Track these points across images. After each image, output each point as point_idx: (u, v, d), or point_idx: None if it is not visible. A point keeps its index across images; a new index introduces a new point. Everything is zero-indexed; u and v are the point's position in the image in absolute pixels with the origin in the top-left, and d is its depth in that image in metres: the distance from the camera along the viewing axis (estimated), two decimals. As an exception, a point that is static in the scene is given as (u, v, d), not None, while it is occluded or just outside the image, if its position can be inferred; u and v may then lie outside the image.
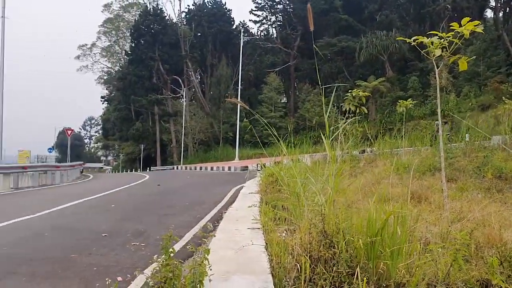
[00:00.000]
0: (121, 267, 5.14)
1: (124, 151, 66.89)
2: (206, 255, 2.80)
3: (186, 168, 40.33)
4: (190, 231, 7.23)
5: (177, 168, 45.01)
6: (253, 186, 10.59)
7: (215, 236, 3.16)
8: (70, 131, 36.58)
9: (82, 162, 34.87)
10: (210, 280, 2.71)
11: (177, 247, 6.16)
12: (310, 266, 3.10)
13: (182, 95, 58.78)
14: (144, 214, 9.36)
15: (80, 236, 6.98)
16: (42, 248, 6.06)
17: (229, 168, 28.52)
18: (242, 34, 46.25)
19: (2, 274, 4.78)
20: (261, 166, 19.04)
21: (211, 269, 2.79)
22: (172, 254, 2.84)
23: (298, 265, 3.14)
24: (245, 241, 4.13)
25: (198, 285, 2.56)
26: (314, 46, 35.59)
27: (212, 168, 31.72)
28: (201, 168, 34.90)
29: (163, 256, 2.83)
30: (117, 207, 10.80)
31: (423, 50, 5.34)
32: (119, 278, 4.74)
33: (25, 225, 8.06)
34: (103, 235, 7.00)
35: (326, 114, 4.16)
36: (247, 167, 26.99)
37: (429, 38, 5.06)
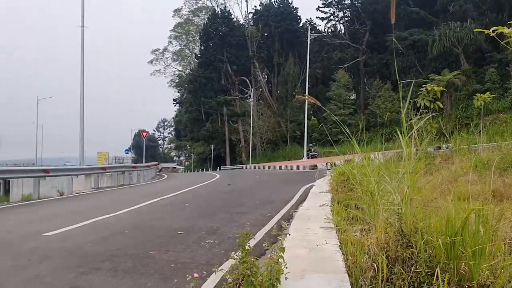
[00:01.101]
0: (197, 264, 5.30)
1: (195, 151, 68.91)
2: (281, 253, 2.82)
3: (255, 167, 40.74)
4: (262, 230, 7.31)
5: (246, 167, 45.62)
6: (323, 185, 10.49)
7: (289, 234, 3.16)
8: (145, 133, 38.19)
9: (157, 163, 36.29)
10: (286, 278, 2.72)
11: (250, 245, 6.26)
12: (387, 266, 3.03)
13: (250, 95, 59.41)
14: (216, 212, 9.56)
15: (158, 233, 7.26)
16: (123, 245, 6.37)
17: (298, 167, 28.43)
18: (309, 31, 45.85)
19: (87, 270, 5.08)
20: (331, 165, 18.79)
21: (286, 267, 2.80)
22: (248, 252, 2.88)
23: (375, 264, 3.07)
24: (318, 240, 4.11)
25: (275, 283, 2.58)
26: (393, 40, 34.42)
27: (280, 167, 31.79)
28: (269, 167, 35.08)
29: (240, 253, 2.87)
30: (191, 205, 11.15)
31: (503, 41, 5.01)
32: (196, 275, 4.87)
33: (107, 223, 8.53)
34: (179, 232, 7.25)
35: (403, 110, 4.02)
36: (316, 165, 26.76)
37: (510, 28, 4.74)
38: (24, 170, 15.93)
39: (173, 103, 79.40)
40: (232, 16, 63.36)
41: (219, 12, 62.38)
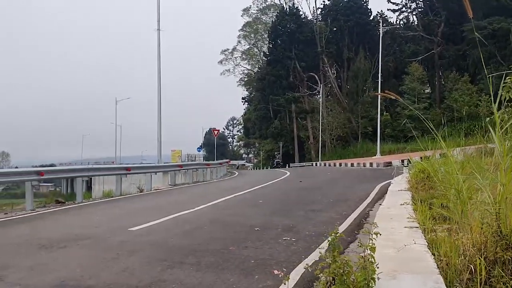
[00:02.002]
0: (276, 261, 5.33)
1: (264, 149, 69.37)
2: (372, 252, 2.76)
3: (325, 164, 40.28)
4: (338, 228, 7.21)
5: (316, 164, 45.23)
6: (402, 182, 10.15)
7: (380, 234, 3.08)
8: (217, 131, 39.12)
9: (228, 160, 36.95)
10: (378, 278, 2.66)
11: (326, 244, 6.19)
12: (485, 268, 2.87)
13: (319, 92, 58.79)
14: (290, 210, 9.57)
15: (235, 229, 7.39)
16: (204, 240, 6.55)
17: (371, 164, 27.72)
18: (381, 24, 44.46)
19: (172, 263, 5.28)
20: (407, 162, 18.14)
21: (378, 267, 2.74)
22: (339, 251, 2.85)
23: (472, 266, 2.92)
24: (404, 240, 3.98)
25: (370, 283, 2.53)
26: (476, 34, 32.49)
27: (352, 165, 31.19)
28: (340, 164, 34.53)
29: (331, 252, 2.84)
30: (264, 202, 11.25)
31: None
32: (276, 272, 4.92)
33: (186, 218, 8.81)
34: (256, 229, 7.34)
35: (495, 103, 3.78)
36: (390, 163, 25.97)
37: None
38: (108, 168, 16.88)
39: (242, 102, 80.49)
40: (301, 13, 63.03)
41: (287, 9, 62.27)
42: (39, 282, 4.60)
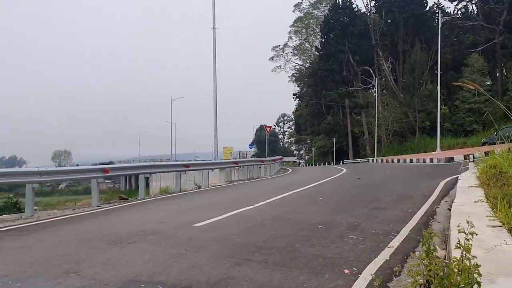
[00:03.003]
0: (345, 260, 5.18)
1: (316, 145, 68.73)
2: (468, 254, 2.56)
3: (381, 160, 39.32)
4: (406, 227, 6.97)
5: (372, 160, 44.26)
6: (470, 179, 9.64)
7: (476, 234, 2.87)
8: (269, 127, 39.07)
9: (281, 157, 36.87)
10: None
11: (395, 242, 5.98)
12: None
13: (373, 86, 57.43)
14: (353, 207, 9.35)
15: (297, 227, 7.28)
16: (267, 238, 6.50)
17: (431, 160, 26.69)
18: (439, 14, 42.66)
19: (239, 260, 5.25)
20: (472, 157, 17.33)
21: (477, 270, 2.54)
22: (434, 253, 2.68)
23: None
24: (491, 240, 3.72)
25: (474, 287, 2.35)
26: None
27: (411, 160, 30.21)
28: (398, 160, 33.56)
29: (427, 253, 2.68)
30: (324, 199, 11.07)
31: None
32: (346, 271, 4.78)
33: (247, 215, 8.81)
34: (319, 226, 7.21)
35: None
36: (452, 158, 24.92)
37: None
38: (168, 165, 17.29)
39: (293, 98, 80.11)
40: (354, 6, 61.91)
41: (340, 2, 61.25)
42: (112, 277, 4.71)
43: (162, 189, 23.05)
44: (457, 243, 2.67)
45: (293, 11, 70.56)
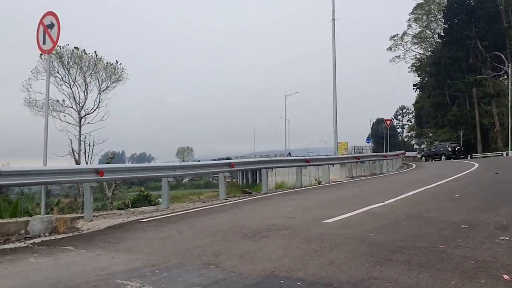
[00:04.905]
0: (501, 263, 4.63)
1: (440, 139, 64.40)
2: None
3: (518, 154, 35.59)
4: None
5: (507, 154, 40.25)
6: None
7: None
8: (389, 121, 37.58)
9: (404, 152, 35.28)
10: None
11: None
12: None
13: (506, 72, 52.10)
14: (497, 205, 8.47)
15: (437, 226, 6.75)
16: (406, 237, 6.09)
17: None
18: None
19: (379, 260, 4.95)
20: None
21: None
22: None
23: None
24: None
25: None
26: None
27: (554, 154, 26.86)
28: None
29: None
30: (462, 196, 10.20)
31: None
32: (506, 277, 4.25)
33: (378, 212, 8.40)
34: (462, 226, 6.60)
35: None
36: None
37: None
38: (289, 160, 17.46)
39: (413, 89, 75.86)
40: (481, -14, 56.83)
41: (465, -16, 56.68)
42: (250, 270, 4.71)
43: (278, 184, 23.29)
44: None
45: (412, -1, 66.90)
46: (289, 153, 68.25)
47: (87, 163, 19.36)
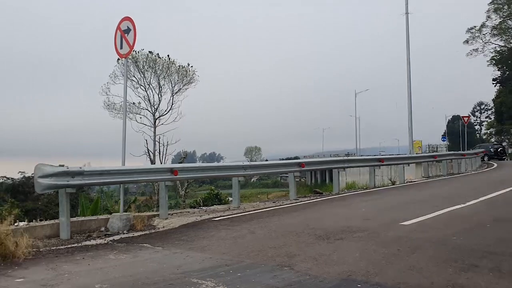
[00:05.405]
0: None
1: (523, 136, 60.06)
2: None
3: None
4: None
5: None
6: None
7: None
8: (466, 117, 35.60)
9: (483, 150, 33.28)
10: None
11: None
12: None
13: None
14: None
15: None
16: (492, 241, 5.69)
17: None
18: None
19: (464, 266, 4.64)
20: None
21: None
22: None
23: None
24: None
25: None
26: None
27: None
28: None
29: None
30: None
31: None
32: None
33: (460, 214, 7.95)
34: None
35: None
36: None
37: None
38: (362, 160, 16.98)
39: (493, 83, 71.33)
40: None
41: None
42: (326, 273, 4.58)
43: (349, 185, 22.77)
44: None
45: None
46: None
47: (161, 163, 20.01)
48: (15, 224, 7.29)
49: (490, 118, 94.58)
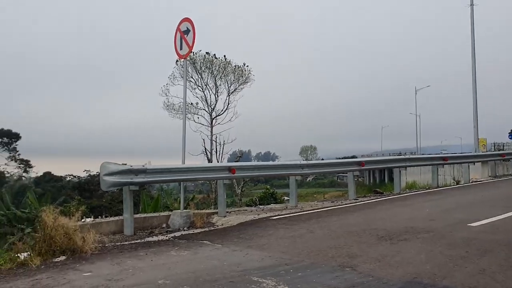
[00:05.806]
0: None
1: None
2: None
3: None
4: None
5: None
6: None
7: None
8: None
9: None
10: None
11: None
12: None
13: None
14: None
15: None
16: None
17: None
18: None
19: None
20: None
21: None
22: None
23: None
24: None
25: None
26: None
27: None
28: None
29: None
30: None
31: None
32: None
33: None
34: None
35: None
36: None
37: None
38: (424, 158, 16.41)
39: None
40: None
41: None
42: (389, 275, 4.42)
43: (409, 184, 22.00)
44: None
45: None
46: (412, 152, 64.35)
47: (218, 162, 20.30)
48: (82, 220, 7.63)
49: None
